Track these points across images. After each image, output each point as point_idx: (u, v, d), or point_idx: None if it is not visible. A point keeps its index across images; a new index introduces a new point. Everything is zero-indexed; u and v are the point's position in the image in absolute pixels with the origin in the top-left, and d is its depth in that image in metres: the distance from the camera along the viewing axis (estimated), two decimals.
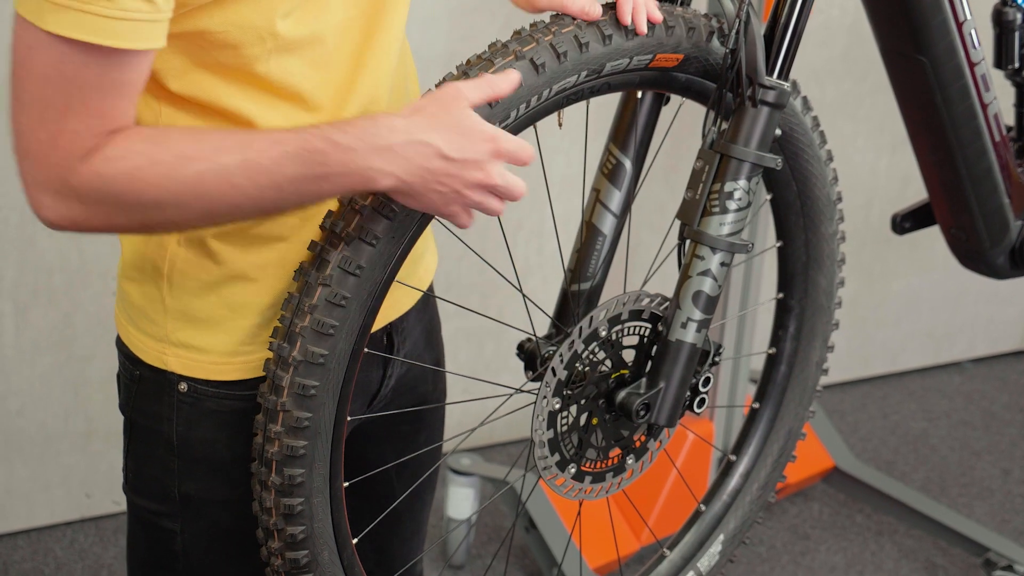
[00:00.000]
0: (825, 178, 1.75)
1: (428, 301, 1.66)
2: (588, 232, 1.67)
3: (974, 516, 3.14)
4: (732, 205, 1.53)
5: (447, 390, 1.75)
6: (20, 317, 2.77)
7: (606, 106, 1.69)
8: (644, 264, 1.84)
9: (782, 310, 1.84)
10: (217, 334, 1.43)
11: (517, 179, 1.33)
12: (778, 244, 1.80)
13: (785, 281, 1.82)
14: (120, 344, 1.51)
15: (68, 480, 2.96)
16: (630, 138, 1.65)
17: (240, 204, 1.27)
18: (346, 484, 1.48)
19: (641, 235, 2.18)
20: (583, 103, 1.53)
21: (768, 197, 1.76)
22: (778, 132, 1.56)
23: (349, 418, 1.46)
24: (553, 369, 1.51)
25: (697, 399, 1.59)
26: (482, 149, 1.30)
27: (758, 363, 3.18)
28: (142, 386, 1.48)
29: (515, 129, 1.43)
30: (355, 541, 1.52)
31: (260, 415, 1.41)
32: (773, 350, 1.85)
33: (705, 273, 1.53)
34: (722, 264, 1.54)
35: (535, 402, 1.51)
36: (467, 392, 1.80)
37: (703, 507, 1.86)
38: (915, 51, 1.95)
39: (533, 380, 1.62)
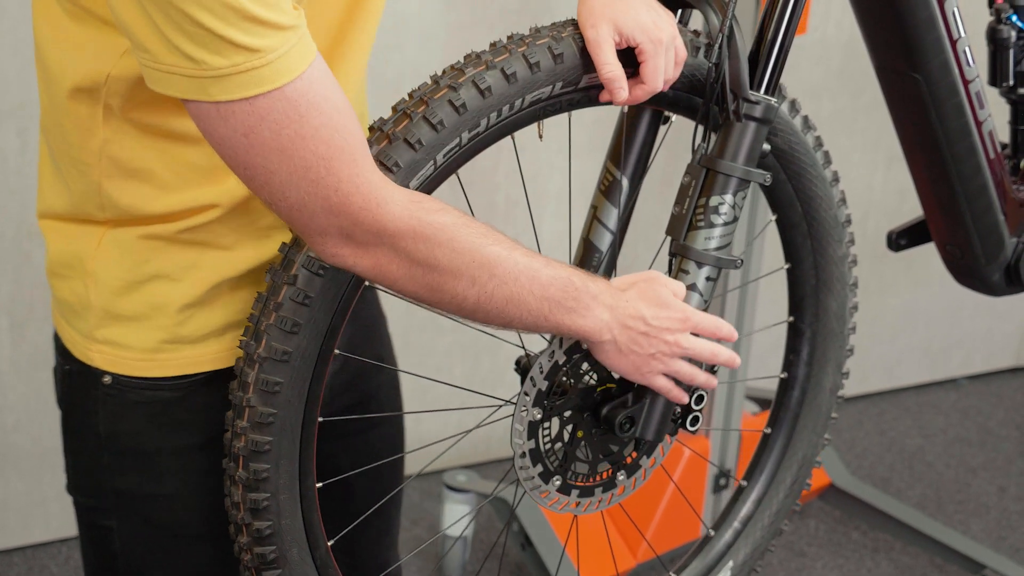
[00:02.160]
0: (831, 199, 1.74)
1: (364, 297, 1.67)
2: (585, 249, 1.67)
3: (970, 533, 3.14)
4: (717, 219, 1.53)
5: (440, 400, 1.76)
6: (16, 332, 2.77)
7: (605, 121, 1.70)
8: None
9: (793, 334, 1.82)
10: (140, 331, 1.45)
11: (706, 342, 1.50)
12: (786, 266, 1.79)
13: (795, 304, 1.81)
14: (55, 338, 1.53)
15: (63, 496, 2.95)
16: (627, 156, 1.65)
17: (510, 302, 1.38)
18: (319, 485, 1.50)
19: (637, 251, 2.19)
20: (565, 116, 1.54)
21: (773, 218, 1.75)
22: (767, 147, 1.57)
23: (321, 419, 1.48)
24: (532, 379, 1.52)
25: (690, 417, 1.59)
26: (676, 320, 1.47)
27: (755, 381, 3.18)
28: (72, 380, 1.50)
29: (489, 138, 1.46)
30: (330, 543, 1.53)
31: (230, 411, 1.43)
32: (785, 375, 1.84)
33: (691, 288, 1.54)
34: (708, 279, 1.54)
35: (513, 411, 1.52)
36: (462, 405, 1.81)
37: (712, 532, 1.84)
38: (909, 68, 1.96)
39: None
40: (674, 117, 1.65)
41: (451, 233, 1.33)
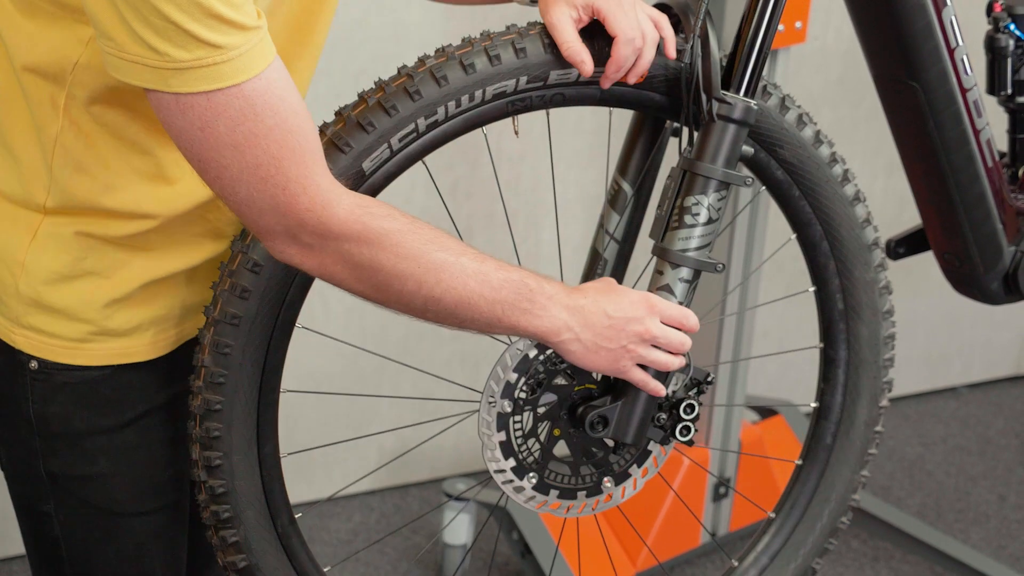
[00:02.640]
0: (852, 219, 1.70)
1: None
2: (592, 257, 1.69)
3: (970, 542, 3.14)
4: (694, 220, 1.53)
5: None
6: None
7: (604, 131, 1.70)
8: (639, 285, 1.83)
9: (824, 361, 1.78)
10: (66, 323, 1.48)
11: (677, 332, 1.50)
12: (812, 289, 1.76)
13: (824, 330, 1.77)
14: None
15: None
16: (631, 166, 1.67)
17: (460, 305, 1.41)
18: (285, 455, 1.56)
19: (636, 258, 2.19)
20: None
21: (792, 237, 1.73)
22: (749, 150, 1.56)
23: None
24: (499, 370, 1.54)
25: (680, 426, 1.58)
26: (639, 307, 1.48)
27: (754, 388, 3.19)
28: None
29: (452, 128, 1.50)
30: (299, 515, 1.59)
31: (193, 373, 1.52)
32: (816, 404, 1.79)
33: (664, 288, 1.54)
34: (682, 280, 1.54)
35: (480, 401, 1.55)
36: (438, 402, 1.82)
37: (736, 563, 1.80)
38: (907, 76, 1.96)
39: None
40: (668, 124, 1.65)
41: (396, 238, 1.37)
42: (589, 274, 1.70)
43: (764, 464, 2.94)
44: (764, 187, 1.69)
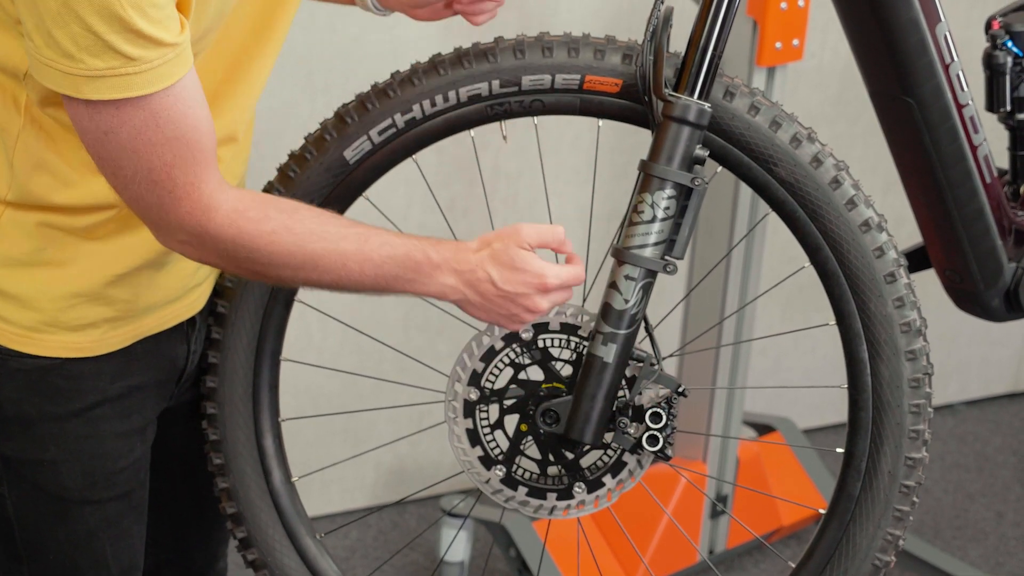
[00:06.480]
0: (861, 248, 1.63)
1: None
2: None
3: (968, 559, 3.13)
4: (638, 218, 1.55)
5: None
6: None
7: (601, 148, 1.69)
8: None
9: (848, 403, 1.68)
10: (22, 310, 1.51)
11: (558, 295, 1.53)
12: (830, 323, 1.69)
13: (846, 367, 1.68)
14: None
15: None
16: None
17: (342, 281, 1.49)
18: (296, 479, 1.67)
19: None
20: (534, 123, 1.68)
21: (806, 265, 1.69)
22: (702, 153, 1.56)
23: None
24: (465, 357, 1.60)
25: (647, 435, 1.58)
26: (530, 285, 1.50)
27: (752, 405, 3.18)
28: None
29: (434, 128, 1.64)
30: (295, 479, 1.76)
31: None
32: (841, 450, 1.69)
33: (612, 285, 1.56)
34: (627, 278, 1.55)
35: (447, 385, 1.62)
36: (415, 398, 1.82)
37: None
38: (902, 92, 1.96)
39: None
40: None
41: (269, 238, 1.44)
42: None
43: (762, 481, 2.94)
44: (772, 209, 1.66)
